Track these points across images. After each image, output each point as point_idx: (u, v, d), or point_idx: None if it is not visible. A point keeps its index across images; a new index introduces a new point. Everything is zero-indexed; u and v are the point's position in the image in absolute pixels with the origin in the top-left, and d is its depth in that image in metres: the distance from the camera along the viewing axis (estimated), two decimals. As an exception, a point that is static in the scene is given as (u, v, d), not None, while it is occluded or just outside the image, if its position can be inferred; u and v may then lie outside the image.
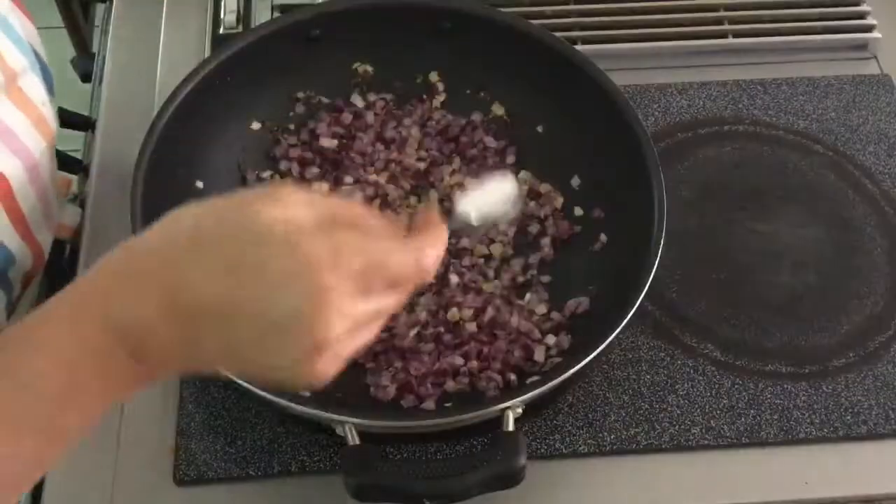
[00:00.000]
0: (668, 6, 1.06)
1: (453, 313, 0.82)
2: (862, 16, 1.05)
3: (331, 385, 0.78)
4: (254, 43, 0.88)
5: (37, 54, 0.79)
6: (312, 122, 0.92)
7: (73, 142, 1.01)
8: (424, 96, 0.94)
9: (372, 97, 0.94)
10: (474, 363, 0.79)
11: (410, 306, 0.83)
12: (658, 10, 1.05)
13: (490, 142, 0.92)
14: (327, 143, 0.91)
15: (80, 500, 0.76)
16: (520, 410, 0.71)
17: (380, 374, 0.79)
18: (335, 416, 0.70)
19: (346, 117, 0.92)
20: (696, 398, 0.81)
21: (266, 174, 0.89)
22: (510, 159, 0.91)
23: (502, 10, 0.93)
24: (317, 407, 0.71)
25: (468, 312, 0.82)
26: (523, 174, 0.90)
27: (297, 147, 0.91)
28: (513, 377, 0.79)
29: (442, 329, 0.81)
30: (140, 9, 1.05)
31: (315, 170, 0.90)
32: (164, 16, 1.04)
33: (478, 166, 0.91)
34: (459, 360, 0.79)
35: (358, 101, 0.94)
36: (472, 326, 0.81)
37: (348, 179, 0.90)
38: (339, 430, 0.70)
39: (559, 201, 0.88)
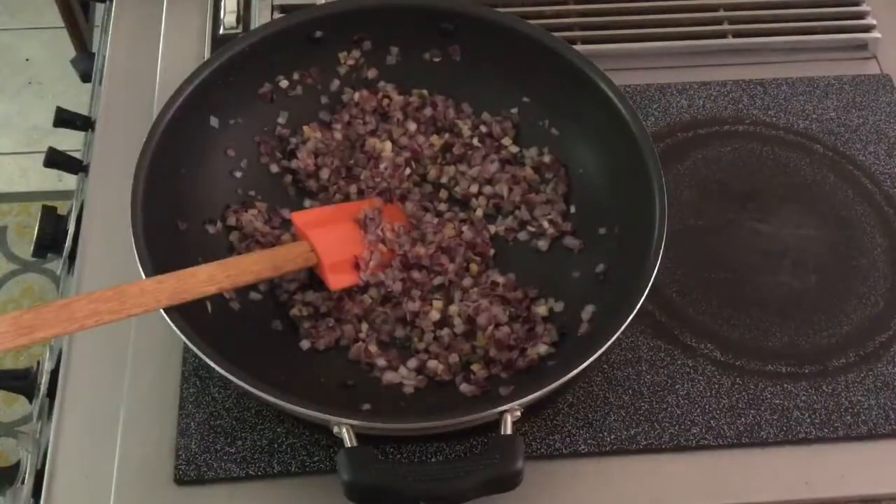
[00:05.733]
0: (668, 6, 1.06)
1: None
2: (862, 16, 1.05)
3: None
4: (254, 44, 0.88)
5: None
6: (312, 122, 0.92)
7: (73, 142, 1.01)
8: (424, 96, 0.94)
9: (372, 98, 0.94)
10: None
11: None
12: (658, 10, 1.05)
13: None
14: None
15: (80, 499, 0.76)
16: (518, 413, 0.71)
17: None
18: (332, 417, 0.70)
19: (347, 117, 0.92)
20: (696, 398, 0.81)
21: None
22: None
23: (501, 10, 0.93)
24: (316, 408, 0.71)
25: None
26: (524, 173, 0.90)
27: (296, 147, 0.91)
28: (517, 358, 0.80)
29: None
30: (140, 9, 1.05)
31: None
32: (164, 16, 1.04)
33: (479, 165, 0.91)
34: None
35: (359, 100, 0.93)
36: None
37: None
38: (335, 432, 0.70)
39: (559, 202, 0.88)
